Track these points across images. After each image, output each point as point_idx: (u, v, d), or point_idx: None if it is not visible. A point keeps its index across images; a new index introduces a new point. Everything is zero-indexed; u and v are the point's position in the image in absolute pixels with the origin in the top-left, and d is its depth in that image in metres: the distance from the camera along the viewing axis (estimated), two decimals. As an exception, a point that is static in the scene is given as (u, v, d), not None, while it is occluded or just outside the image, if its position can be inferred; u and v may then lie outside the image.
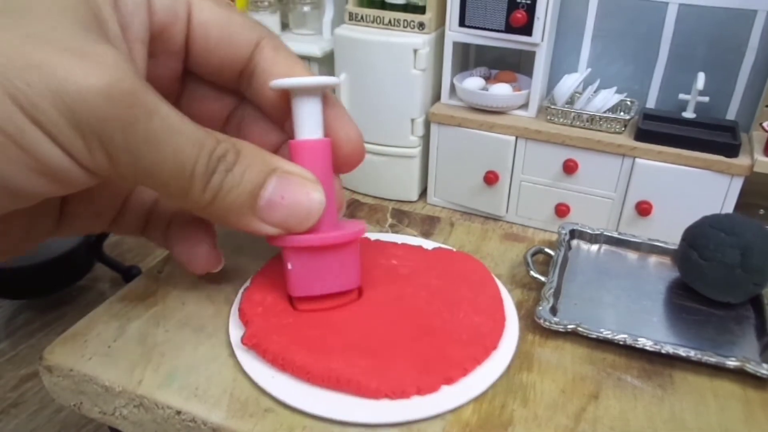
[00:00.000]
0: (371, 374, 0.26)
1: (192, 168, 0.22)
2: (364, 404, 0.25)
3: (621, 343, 0.29)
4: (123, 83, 0.19)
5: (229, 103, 0.29)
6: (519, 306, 0.32)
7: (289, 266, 0.28)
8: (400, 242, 0.36)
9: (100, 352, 0.28)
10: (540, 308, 0.31)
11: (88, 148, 0.19)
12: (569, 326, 0.30)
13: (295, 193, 0.25)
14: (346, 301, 0.30)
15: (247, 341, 0.28)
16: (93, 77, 0.18)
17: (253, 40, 0.26)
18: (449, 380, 0.26)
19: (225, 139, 0.24)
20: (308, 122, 0.27)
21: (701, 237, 0.32)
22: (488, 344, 0.28)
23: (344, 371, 0.26)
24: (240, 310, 0.30)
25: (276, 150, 0.29)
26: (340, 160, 0.28)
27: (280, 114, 0.28)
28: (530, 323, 0.31)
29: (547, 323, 0.30)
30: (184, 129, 0.21)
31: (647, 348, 0.29)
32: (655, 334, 0.30)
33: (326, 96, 0.27)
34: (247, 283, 0.32)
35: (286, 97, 0.27)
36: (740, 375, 0.28)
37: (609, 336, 0.29)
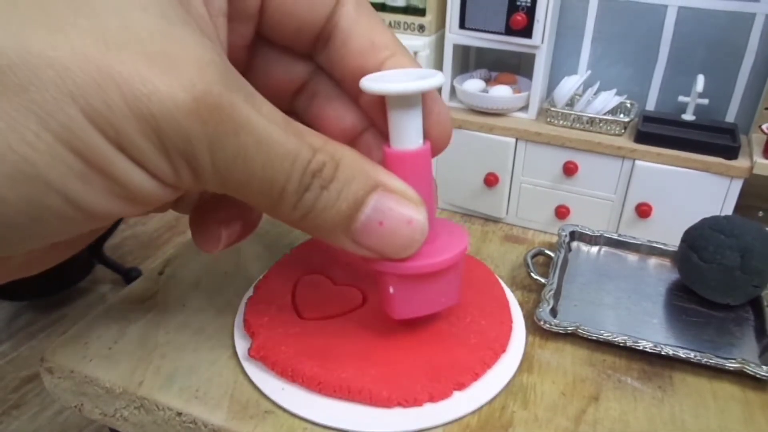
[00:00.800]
0: (382, 383, 0.26)
1: (283, 185, 0.19)
2: (374, 413, 0.25)
3: (621, 344, 0.29)
4: (210, 95, 0.17)
5: (300, 74, 0.26)
6: (519, 307, 0.32)
7: (391, 290, 0.25)
8: None
9: (101, 354, 0.28)
10: (540, 310, 0.31)
11: (174, 168, 0.18)
12: (569, 328, 0.30)
13: (395, 218, 0.22)
14: (351, 307, 0.30)
15: (255, 353, 0.27)
16: (177, 90, 0.16)
17: None
18: (461, 386, 0.26)
19: (323, 146, 0.20)
20: (408, 130, 0.23)
21: (701, 239, 0.32)
22: (497, 348, 0.28)
23: (355, 381, 0.26)
24: (245, 321, 0.29)
25: (355, 137, 0.26)
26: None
27: (356, 83, 0.24)
28: (530, 324, 0.31)
29: (547, 325, 0.30)
30: (276, 139, 0.19)
31: (647, 350, 0.29)
32: (655, 335, 0.30)
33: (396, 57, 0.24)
34: (250, 292, 0.32)
35: (367, 66, 0.23)
36: (740, 377, 0.28)
37: (609, 337, 0.29)
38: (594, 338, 0.29)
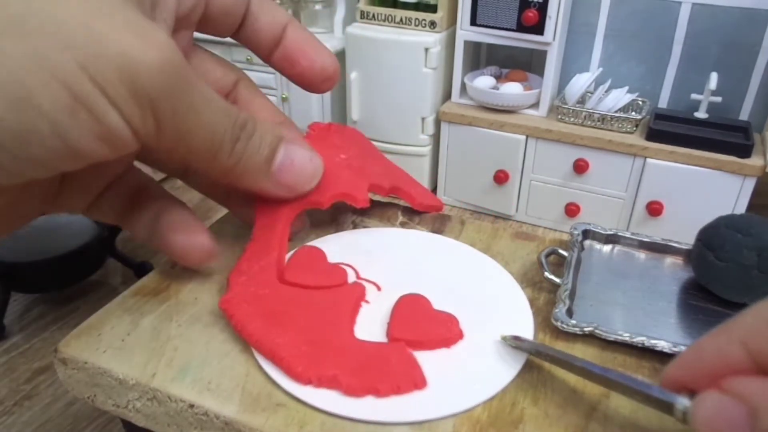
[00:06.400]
0: (306, 358, 0.26)
1: (221, 136, 0.25)
2: (374, 402, 0.25)
3: (639, 345, 0.29)
4: (174, 60, 0.22)
5: (230, 80, 0.32)
6: (529, 304, 0.32)
7: None
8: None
9: (114, 346, 0.29)
10: (557, 311, 0.30)
11: (142, 115, 0.22)
12: (587, 329, 0.29)
13: (301, 156, 0.30)
14: (332, 283, 0.30)
15: (221, 304, 0.29)
16: (151, 54, 0.21)
17: None
18: (377, 391, 0.26)
19: (242, 110, 0.27)
20: None
21: (717, 237, 0.32)
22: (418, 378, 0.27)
23: (283, 348, 0.26)
24: (228, 278, 0.30)
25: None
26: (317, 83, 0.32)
27: (270, 49, 0.31)
28: (541, 322, 0.31)
29: (564, 326, 0.30)
30: (217, 100, 0.25)
31: (665, 351, 0.28)
32: (671, 335, 0.30)
33: (291, 25, 0.31)
34: None
35: (277, 33, 0.31)
36: (754, 376, 0.28)
37: (627, 339, 0.29)
38: (612, 339, 0.29)
